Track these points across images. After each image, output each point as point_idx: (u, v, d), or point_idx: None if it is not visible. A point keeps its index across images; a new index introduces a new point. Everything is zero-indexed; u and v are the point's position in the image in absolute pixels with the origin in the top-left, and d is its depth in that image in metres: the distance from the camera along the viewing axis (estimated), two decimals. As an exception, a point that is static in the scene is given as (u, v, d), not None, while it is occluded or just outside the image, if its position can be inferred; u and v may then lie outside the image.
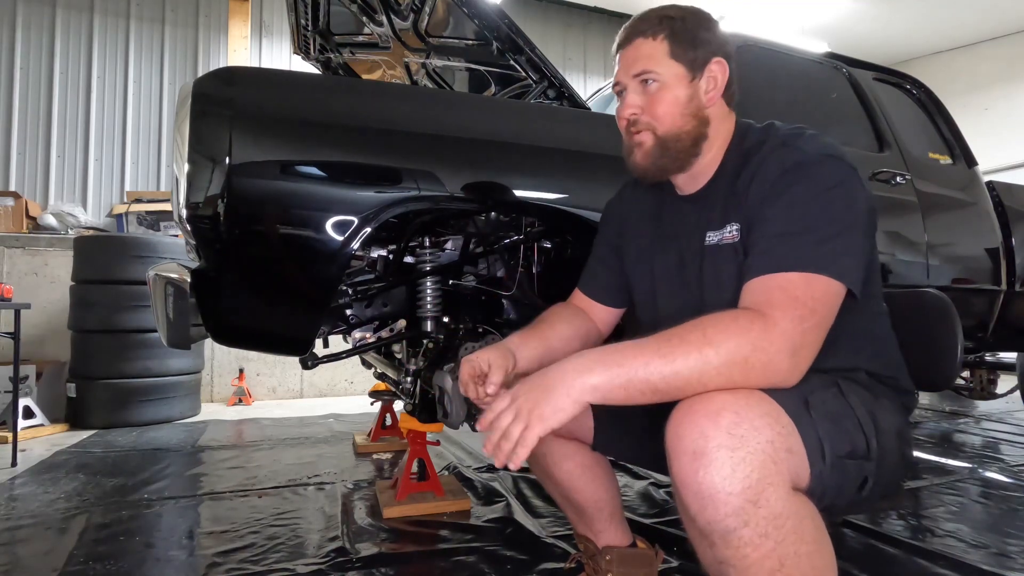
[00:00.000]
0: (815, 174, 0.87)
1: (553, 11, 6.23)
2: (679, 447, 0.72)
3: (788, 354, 0.77)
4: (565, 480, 1.18)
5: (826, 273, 0.81)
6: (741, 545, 0.69)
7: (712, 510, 0.69)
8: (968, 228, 2.50)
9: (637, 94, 0.98)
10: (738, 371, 0.75)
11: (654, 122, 0.97)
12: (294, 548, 1.62)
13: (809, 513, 0.74)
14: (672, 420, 0.75)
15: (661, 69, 0.96)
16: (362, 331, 1.88)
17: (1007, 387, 3.87)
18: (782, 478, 0.71)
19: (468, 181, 1.38)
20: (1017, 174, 5.63)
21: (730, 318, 0.78)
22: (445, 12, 1.79)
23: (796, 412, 0.77)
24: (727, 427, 0.70)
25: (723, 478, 0.69)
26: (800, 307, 0.79)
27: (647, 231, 1.13)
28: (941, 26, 6.46)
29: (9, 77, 4.46)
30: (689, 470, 0.71)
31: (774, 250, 0.84)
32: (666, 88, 0.96)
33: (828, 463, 0.77)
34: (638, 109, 0.98)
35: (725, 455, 0.69)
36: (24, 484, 2.19)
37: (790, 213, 0.85)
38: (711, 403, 0.73)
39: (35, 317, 3.61)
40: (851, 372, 0.93)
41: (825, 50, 2.65)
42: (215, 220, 1.19)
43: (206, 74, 1.30)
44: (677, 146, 0.97)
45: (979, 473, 2.39)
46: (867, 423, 0.85)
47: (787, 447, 0.73)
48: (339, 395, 4.48)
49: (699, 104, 0.98)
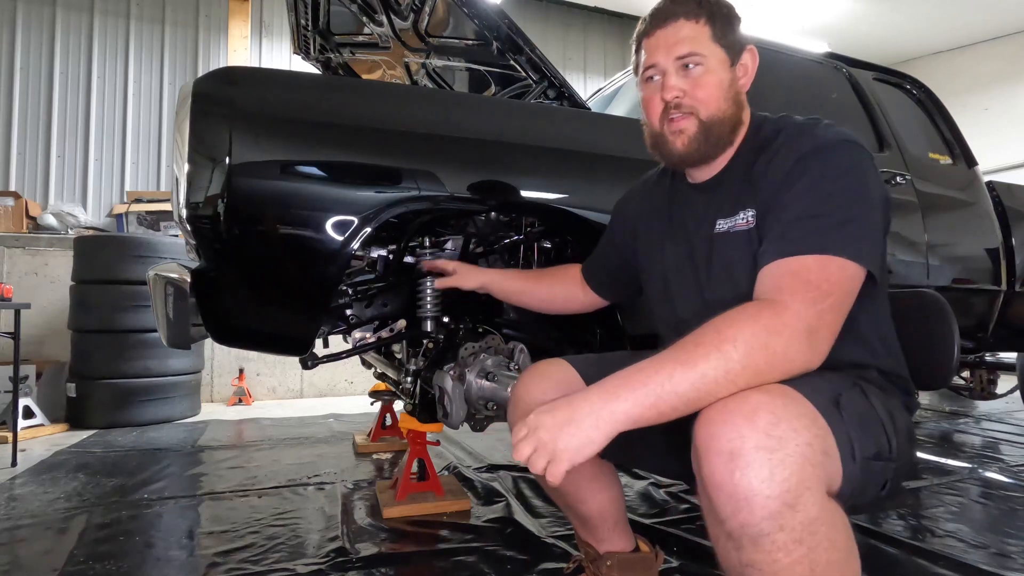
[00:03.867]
0: (831, 158, 0.86)
1: (553, 11, 6.22)
2: (712, 447, 0.70)
3: (804, 335, 0.75)
4: (571, 491, 1.16)
5: (841, 254, 0.79)
6: (774, 550, 0.67)
7: (747, 513, 0.67)
8: (968, 228, 2.50)
9: (680, 77, 0.95)
10: (762, 360, 0.73)
11: (698, 105, 0.94)
12: (294, 548, 1.62)
13: (842, 521, 0.72)
14: (703, 420, 0.72)
15: (706, 51, 0.94)
16: (362, 331, 1.88)
17: (1007, 387, 3.87)
18: (819, 482, 0.69)
19: (468, 181, 1.38)
20: (1017, 174, 5.64)
21: (740, 311, 0.77)
22: (445, 12, 1.79)
23: (829, 412, 0.75)
24: (765, 428, 0.68)
25: (761, 480, 0.66)
26: (812, 289, 0.77)
27: (658, 223, 1.12)
28: (941, 26, 6.46)
29: (9, 77, 4.47)
30: (724, 471, 0.68)
31: (788, 234, 0.83)
32: (711, 72, 0.94)
33: (858, 465, 0.76)
34: (681, 92, 0.94)
35: (763, 457, 0.67)
36: (24, 484, 2.19)
37: (806, 197, 0.84)
38: (746, 403, 0.70)
39: (35, 317, 3.61)
40: (865, 370, 0.92)
41: (825, 50, 2.65)
42: (215, 220, 1.19)
43: (206, 74, 1.30)
44: (719, 131, 0.96)
45: (979, 473, 2.39)
46: (888, 424, 0.84)
47: (824, 449, 0.71)
48: (339, 395, 4.48)
49: (737, 90, 0.97)
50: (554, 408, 0.76)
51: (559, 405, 0.76)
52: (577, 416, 0.74)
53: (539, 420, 0.76)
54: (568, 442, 0.72)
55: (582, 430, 0.73)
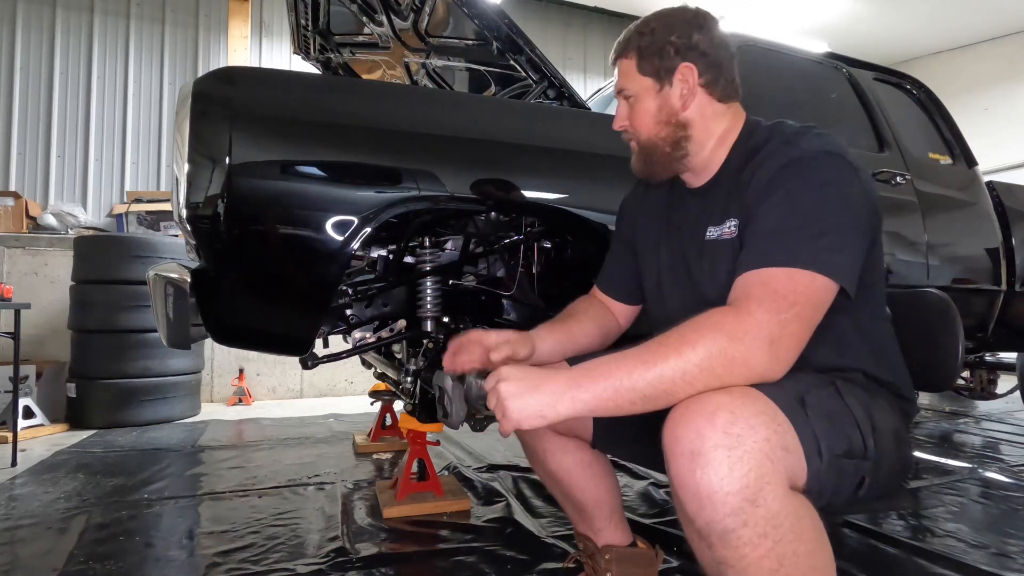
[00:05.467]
0: (809, 170, 0.87)
1: (553, 11, 6.23)
2: (676, 448, 0.72)
3: (764, 343, 0.77)
4: (564, 477, 1.19)
5: (812, 269, 0.81)
6: (740, 545, 0.69)
7: (710, 510, 0.69)
8: (968, 228, 2.50)
9: (623, 108, 1.06)
10: (719, 364, 0.75)
11: (635, 132, 1.05)
12: (294, 548, 1.62)
13: (807, 512, 0.73)
14: (668, 422, 0.75)
15: (632, 85, 1.03)
16: (362, 331, 1.88)
17: (1007, 387, 3.87)
18: (779, 477, 0.71)
19: (468, 181, 1.38)
20: (1017, 174, 5.63)
21: (705, 316, 0.79)
22: (445, 12, 1.79)
23: (791, 410, 0.76)
24: (723, 426, 0.70)
25: (720, 478, 0.68)
26: (778, 299, 0.79)
27: (656, 224, 1.14)
28: (941, 26, 6.46)
29: (9, 77, 4.47)
30: (686, 470, 0.71)
31: (762, 246, 0.85)
32: (639, 101, 1.03)
33: (825, 462, 0.77)
34: (625, 122, 1.06)
35: (722, 454, 0.69)
36: (24, 484, 2.19)
37: (782, 209, 0.86)
38: (707, 403, 0.72)
39: (35, 317, 3.61)
40: (848, 373, 0.93)
41: (825, 50, 2.65)
42: (215, 220, 1.19)
43: (206, 74, 1.30)
44: (657, 151, 1.03)
45: (979, 473, 2.39)
46: (864, 423, 0.85)
47: (783, 445, 0.73)
48: (339, 395, 4.48)
49: (671, 110, 1.01)
50: (527, 373, 0.81)
51: (532, 373, 0.81)
52: (541, 390, 0.78)
53: (509, 374, 0.81)
54: (521, 408, 0.78)
55: (538, 403, 0.77)
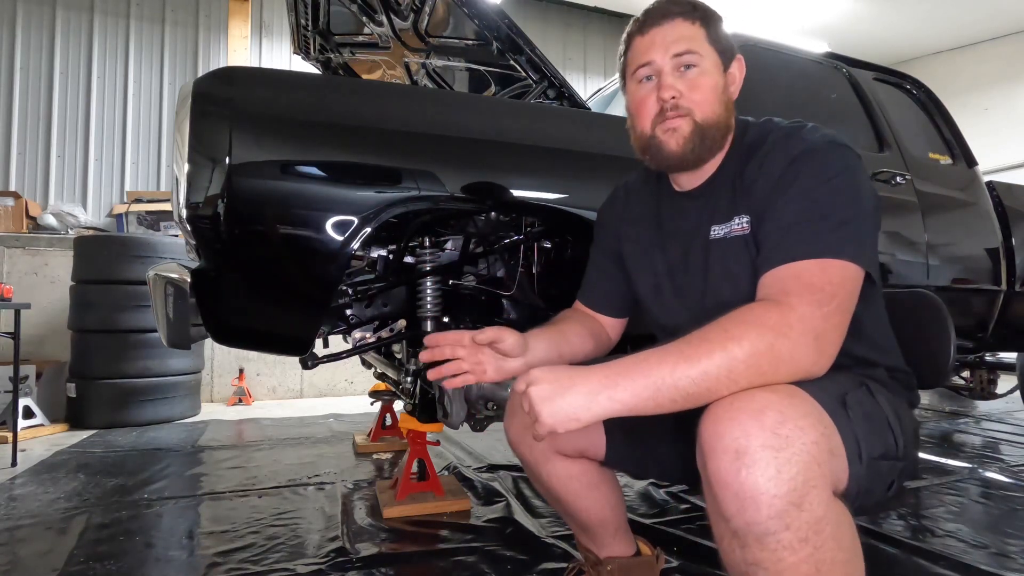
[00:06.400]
0: (822, 161, 0.86)
1: (553, 11, 6.23)
2: (718, 445, 0.69)
3: (811, 339, 0.75)
4: (571, 501, 1.14)
5: (841, 257, 0.80)
6: (779, 548, 0.67)
7: (753, 511, 0.67)
8: (968, 228, 2.50)
9: (676, 77, 0.93)
10: (765, 361, 0.73)
11: (694, 107, 0.93)
12: (294, 548, 1.62)
13: (847, 520, 0.72)
14: (709, 418, 0.72)
15: (703, 52, 0.93)
16: (362, 331, 1.88)
17: (1007, 387, 3.86)
18: (825, 481, 0.69)
19: (468, 181, 1.38)
20: (1017, 174, 5.63)
21: (747, 311, 0.77)
22: (445, 12, 1.79)
23: (835, 412, 0.75)
24: (772, 426, 0.68)
25: (768, 479, 0.66)
26: (817, 292, 0.77)
27: (646, 231, 1.10)
28: (941, 26, 6.46)
29: (9, 77, 4.46)
30: (730, 469, 0.68)
31: (785, 241, 0.83)
32: (706, 74, 0.93)
33: (864, 465, 0.76)
34: (678, 92, 0.92)
35: (770, 455, 0.66)
36: (24, 484, 2.19)
37: (799, 202, 0.84)
38: (753, 401, 0.70)
39: (35, 317, 3.61)
40: (872, 368, 0.92)
41: (825, 50, 2.65)
42: (215, 220, 1.19)
43: (206, 74, 1.30)
44: (712, 134, 0.94)
45: (979, 473, 2.39)
46: (895, 423, 0.84)
47: (830, 449, 0.71)
48: (339, 395, 4.48)
49: (729, 95, 0.97)
50: (557, 374, 0.76)
51: (563, 372, 0.76)
52: (573, 391, 0.74)
53: (540, 376, 0.76)
54: (554, 413, 0.73)
55: (571, 406, 0.73)
